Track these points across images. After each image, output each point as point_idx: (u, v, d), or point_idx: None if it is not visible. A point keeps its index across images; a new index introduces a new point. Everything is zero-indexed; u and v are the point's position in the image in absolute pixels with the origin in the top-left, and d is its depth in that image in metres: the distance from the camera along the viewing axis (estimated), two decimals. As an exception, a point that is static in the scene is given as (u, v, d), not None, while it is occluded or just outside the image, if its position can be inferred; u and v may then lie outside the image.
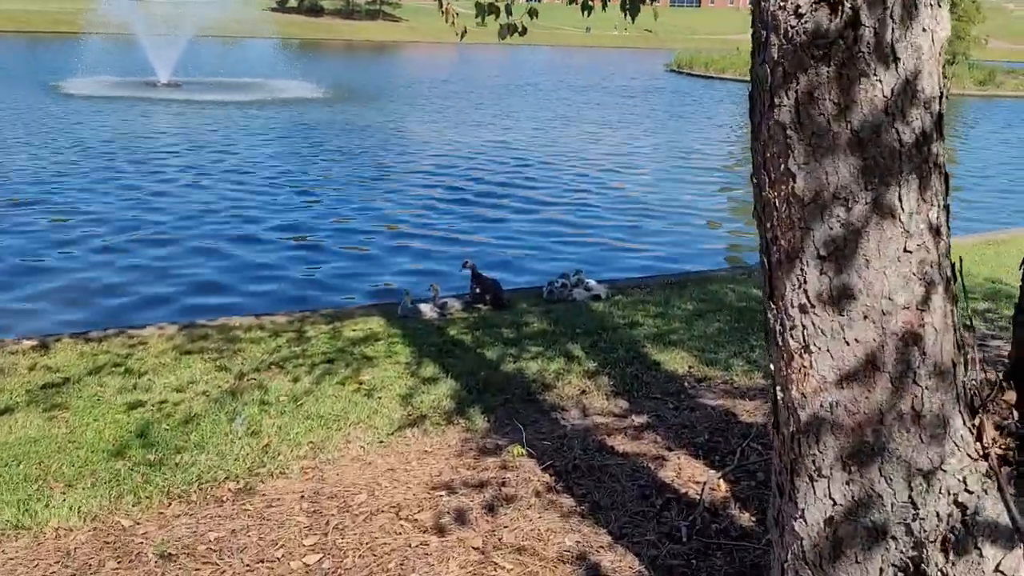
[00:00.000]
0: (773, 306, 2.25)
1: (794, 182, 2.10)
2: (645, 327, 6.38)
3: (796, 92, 2.05)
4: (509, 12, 4.70)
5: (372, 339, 6.18)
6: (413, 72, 44.66)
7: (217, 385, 5.15)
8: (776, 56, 2.07)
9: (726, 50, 64.91)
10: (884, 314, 2.07)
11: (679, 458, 3.84)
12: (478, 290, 7.45)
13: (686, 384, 5.06)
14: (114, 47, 38.33)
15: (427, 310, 7.07)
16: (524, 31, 4.84)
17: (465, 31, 4.59)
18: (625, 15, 4.98)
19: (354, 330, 6.48)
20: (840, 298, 2.10)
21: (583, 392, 4.93)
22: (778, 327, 2.23)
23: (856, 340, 2.10)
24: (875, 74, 1.98)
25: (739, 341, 5.90)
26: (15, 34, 66.12)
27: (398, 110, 25.99)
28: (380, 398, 4.85)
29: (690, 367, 5.37)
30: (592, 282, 7.87)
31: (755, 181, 2.24)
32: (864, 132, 2.00)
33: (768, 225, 2.21)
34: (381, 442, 4.20)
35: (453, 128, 22.45)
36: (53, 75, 32.93)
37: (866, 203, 2.04)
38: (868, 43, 1.96)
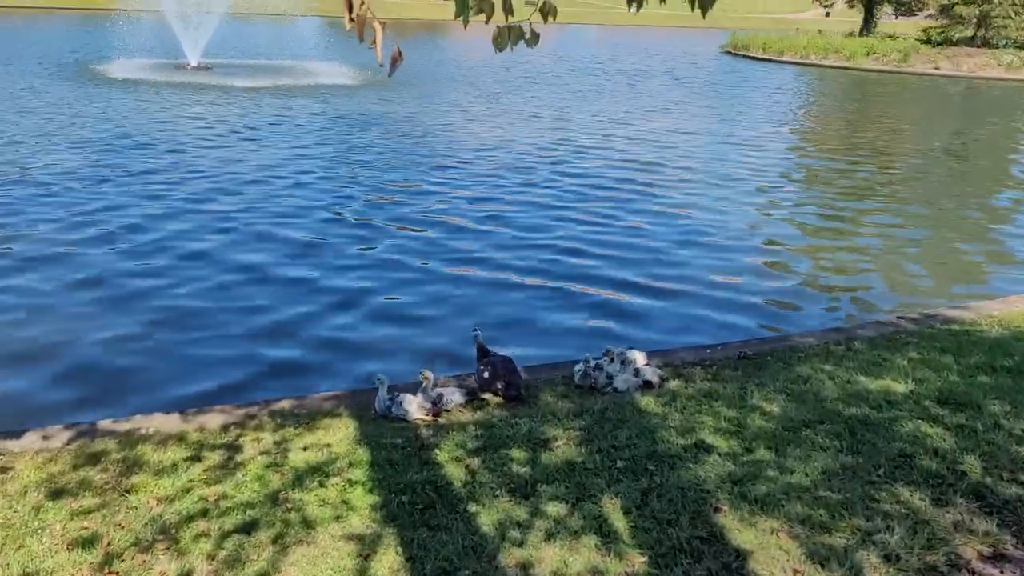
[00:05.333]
0: None
1: None
2: (716, 457, 4.43)
3: None
4: (510, 11, 2.77)
5: (324, 471, 4.34)
6: (464, 54, 42.69)
7: (59, 584, 3.36)
8: None
9: (781, 30, 61.79)
10: None
11: None
12: (486, 374, 5.56)
13: (793, 620, 3.12)
14: (150, 26, 37.09)
15: (414, 408, 5.21)
16: (536, 39, 2.91)
17: (399, 57, 2.69)
18: (693, 7, 3.03)
19: (306, 447, 4.65)
20: None
21: (624, 639, 3.02)
22: None
23: None
24: None
25: (863, 504, 3.92)
26: (65, 11, 65.80)
27: (448, 100, 24.03)
28: (291, 642, 3.00)
29: (795, 571, 3.42)
30: (640, 358, 5.93)
31: None
32: None
33: None
34: None
35: (503, 123, 20.54)
36: (84, 56, 31.78)
37: None
38: None
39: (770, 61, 46.60)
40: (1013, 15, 47.63)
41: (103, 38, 39.35)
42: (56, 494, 4.11)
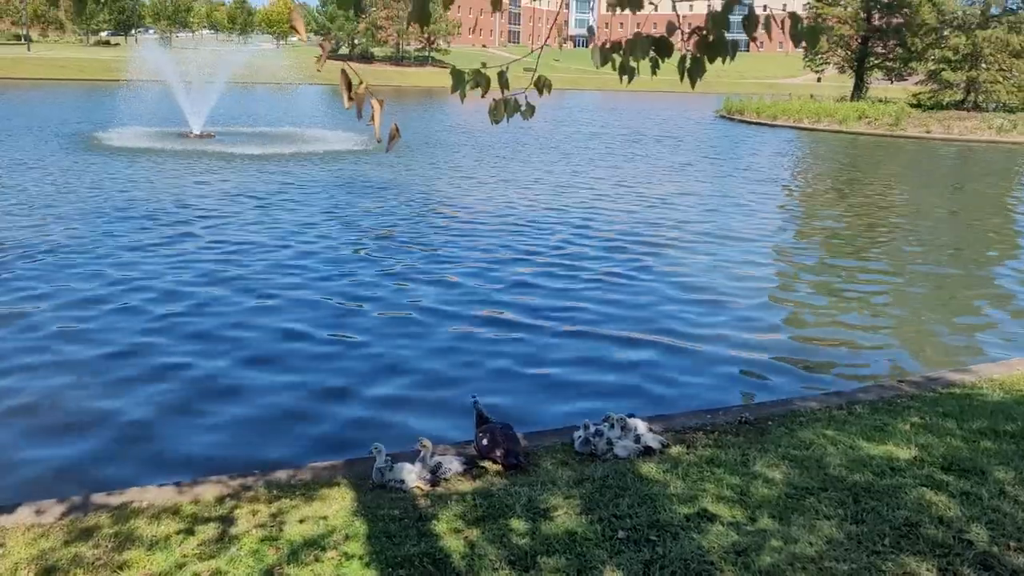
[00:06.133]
0: None
1: None
2: (719, 527, 4.36)
3: None
4: (505, 85, 2.84)
5: (320, 544, 4.26)
6: (464, 120, 43.41)
7: (47, 666, 3.27)
8: None
9: (775, 94, 63.02)
10: None
11: None
12: (485, 442, 5.52)
13: None
14: (153, 96, 37.79)
15: (412, 477, 5.15)
16: (531, 112, 2.98)
17: (396, 134, 2.75)
18: (682, 78, 3.10)
19: (302, 520, 4.58)
20: None
21: None
22: None
23: None
24: None
25: (869, 574, 3.84)
26: (74, 82, 67.10)
27: (453, 164, 24.39)
28: None
29: (802, 647, 3.34)
30: (641, 425, 5.88)
31: None
32: None
33: None
34: None
35: (507, 187, 20.79)
36: (88, 125, 32.27)
37: None
38: None
39: (764, 124, 47.38)
40: (1001, 80, 48.62)
41: (106, 108, 40.08)
42: (47, 571, 4.03)
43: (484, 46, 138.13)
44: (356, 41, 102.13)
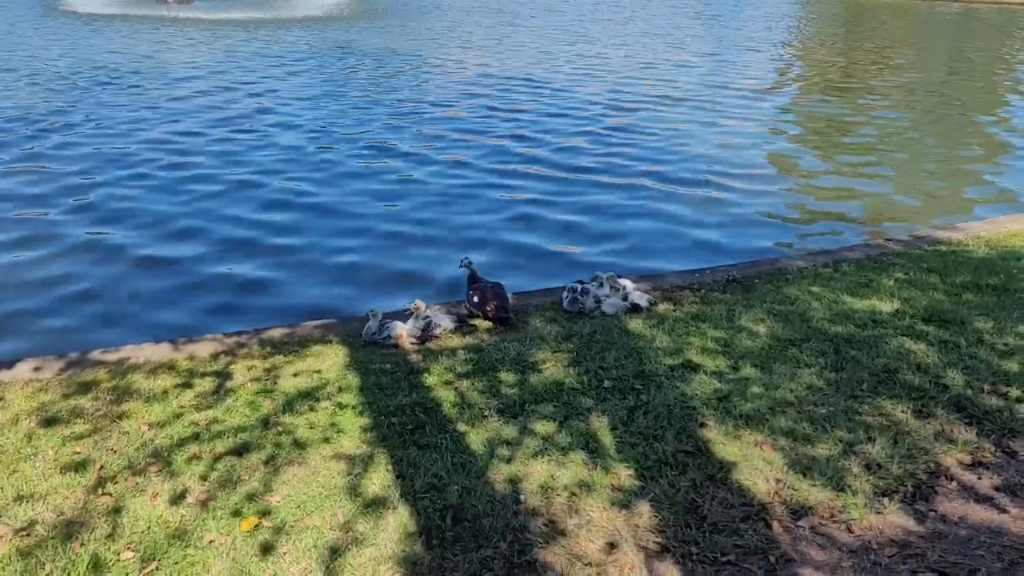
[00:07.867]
0: None
1: None
2: (703, 376, 4.47)
3: None
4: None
5: (315, 395, 4.38)
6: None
7: (54, 507, 3.41)
8: None
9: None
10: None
11: None
12: (476, 298, 5.58)
13: (774, 527, 3.19)
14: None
15: (403, 333, 5.23)
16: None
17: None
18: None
19: (296, 374, 4.68)
20: None
21: (611, 546, 3.09)
22: None
23: None
24: None
25: (846, 416, 3.98)
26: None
27: (429, 31, 23.61)
28: (283, 555, 3.07)
29: (777, 480, 3.49)
30: (628, 285, 5.94)
31: None
32: None
33: None
34: None
35: (486, 55, 20.20)
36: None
37: None
38: None
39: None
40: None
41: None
42: (48, 422, 4.14)
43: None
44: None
